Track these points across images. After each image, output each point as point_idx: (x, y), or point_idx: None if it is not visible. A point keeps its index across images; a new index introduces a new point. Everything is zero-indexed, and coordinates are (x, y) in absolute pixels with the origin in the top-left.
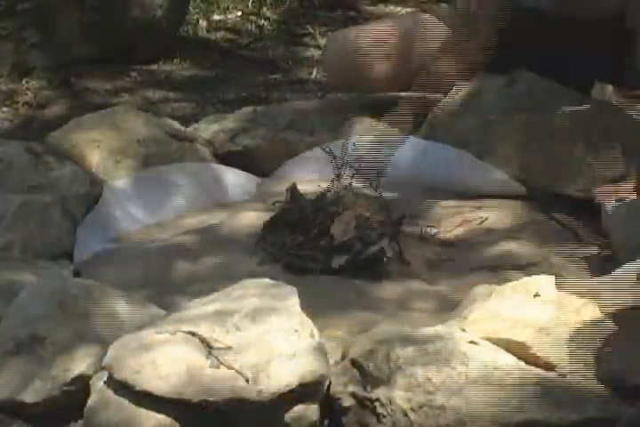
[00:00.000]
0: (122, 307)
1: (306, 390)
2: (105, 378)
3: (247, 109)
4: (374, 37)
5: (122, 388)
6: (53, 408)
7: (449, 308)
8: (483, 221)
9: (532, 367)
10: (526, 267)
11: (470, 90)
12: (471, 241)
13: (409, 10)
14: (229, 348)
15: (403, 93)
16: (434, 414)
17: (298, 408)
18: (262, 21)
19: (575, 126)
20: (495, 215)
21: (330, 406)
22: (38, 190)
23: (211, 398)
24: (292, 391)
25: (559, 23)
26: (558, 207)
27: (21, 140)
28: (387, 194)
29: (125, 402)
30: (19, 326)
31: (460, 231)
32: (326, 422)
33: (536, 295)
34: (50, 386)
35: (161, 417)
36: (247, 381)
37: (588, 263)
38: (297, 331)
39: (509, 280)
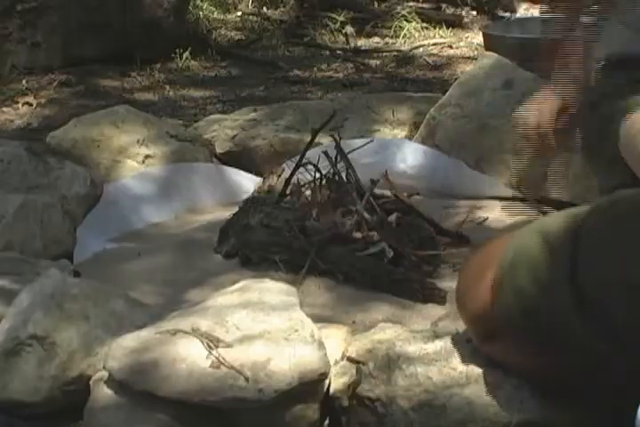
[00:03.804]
0: (122, 307)
1: (306, 389)
2: (105, 378)
3: (247, 109)
4: None
5: (122, 388)
6: (53, 408)
7: (449, 307)
8: (483, 221)
9: None
10: None
11: (468, 89)
12: (471, 241)
13: (409, 9)
14: (229, 347)
15: None
16: (434, 413)
17: (298, 408)
18: (262, 21)
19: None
20: (495, 215)
21: (330, 406)
22: (38, 190)
23: (211, 398)
24: (292, 390)
25: None
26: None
27: (21, 140)
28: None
29: (125, 402)
30: (19, 326)
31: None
32: (326, 422)
33: None
34: (50, 386)
35: (161, 417)
36: (247, 380)
37: None
38: (297, 331)
39: None
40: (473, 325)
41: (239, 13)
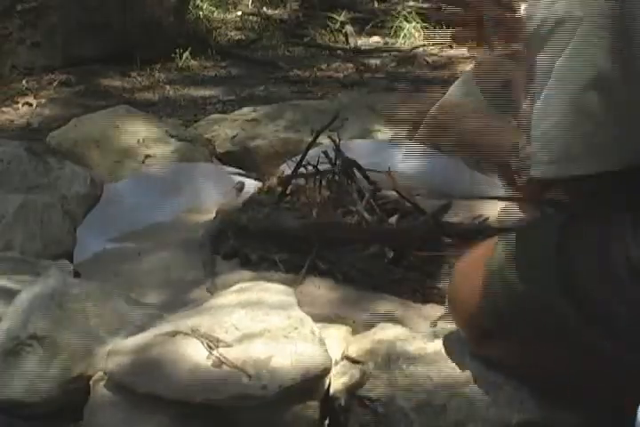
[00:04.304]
0: (122, 307)
1: (308, 386)
2: (105, 378)
3: (247, 109)
4: None
5: (122, 388)
6: (53, 408)
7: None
8: (483, 221)
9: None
10: None
11: (467, 89)
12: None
13: (409, 9)
14: (230, 346)
15: None
16: (434, 413)
17: (299, 407)
18: (262, 21)
19: None
20: (495, 215)
21: (330, 406)
22: (38, 190)
23: (214, 396)
24: (295, 386)
25: None
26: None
27: (21, 140)
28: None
29: (125, 402)
30: (19, 326)
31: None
32: (326, 421)
33: None
34: (50, 386)
35: (161, 417)
36: (250, 377)
37: None
38: (297, 328)
39: None
40: (466, 327)
41: (239, 13)
